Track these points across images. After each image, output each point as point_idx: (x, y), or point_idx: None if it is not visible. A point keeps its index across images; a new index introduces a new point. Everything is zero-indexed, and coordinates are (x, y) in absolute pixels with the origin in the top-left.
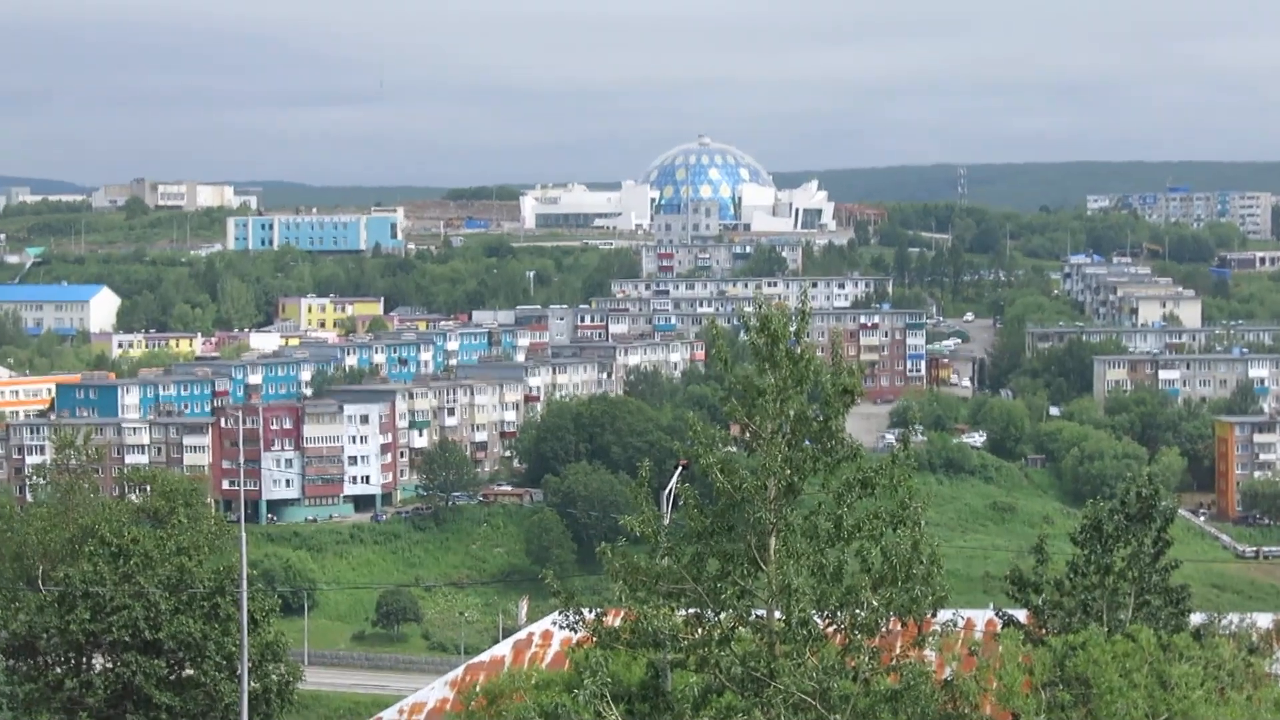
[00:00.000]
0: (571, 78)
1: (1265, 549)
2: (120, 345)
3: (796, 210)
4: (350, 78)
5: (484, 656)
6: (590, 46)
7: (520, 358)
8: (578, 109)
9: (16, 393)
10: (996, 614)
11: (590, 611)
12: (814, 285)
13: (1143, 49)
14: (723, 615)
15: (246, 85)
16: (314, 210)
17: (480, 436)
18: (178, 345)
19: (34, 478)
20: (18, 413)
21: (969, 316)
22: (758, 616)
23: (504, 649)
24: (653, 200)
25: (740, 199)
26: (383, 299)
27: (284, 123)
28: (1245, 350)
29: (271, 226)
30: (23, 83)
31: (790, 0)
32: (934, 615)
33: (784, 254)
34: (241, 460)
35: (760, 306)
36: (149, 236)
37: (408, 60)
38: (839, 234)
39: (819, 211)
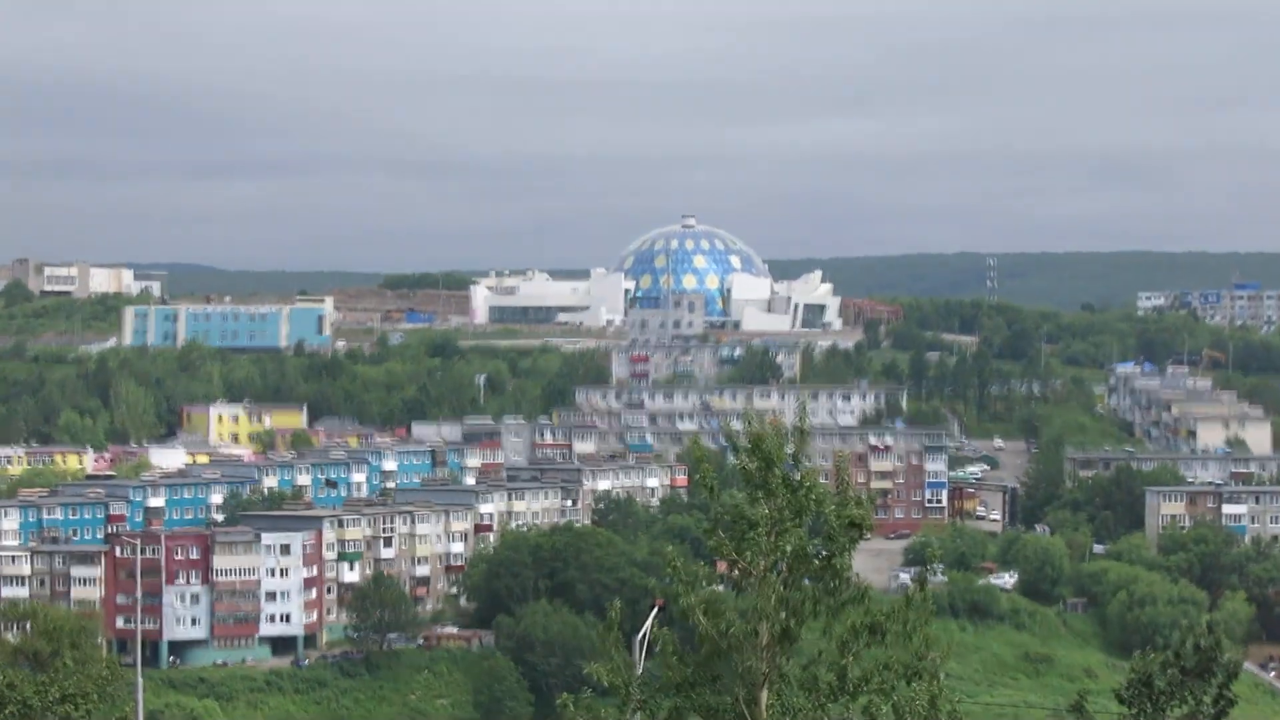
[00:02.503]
0: (531, 149)
1: None
2: None
3: (795, 306)
4: (268, 145)
5: None
6: (553, 112)
7: (470, 481)
8: (538, 185)
9: None
10: None
11: None
12: (815, 397)
13: (1203, 121)
14: None
15: (147, 153)
16: (226, 299)
17: (422, 571)
18: (65, 461)
19: None
20: None
21: (998, 443)
22: None
23: None
24: (627, 292)
25: (730, 291)
26: (306, 407)
27: (191, 196)
28: None
29: (176, 318)
30: None
31: (789, 61)
32: None
33: (780, 359)
34: (139, 595)
35: (752, 423)
36: (32, 328)
37: (336, 125)
38: (845, 335)
39: (822, 308)
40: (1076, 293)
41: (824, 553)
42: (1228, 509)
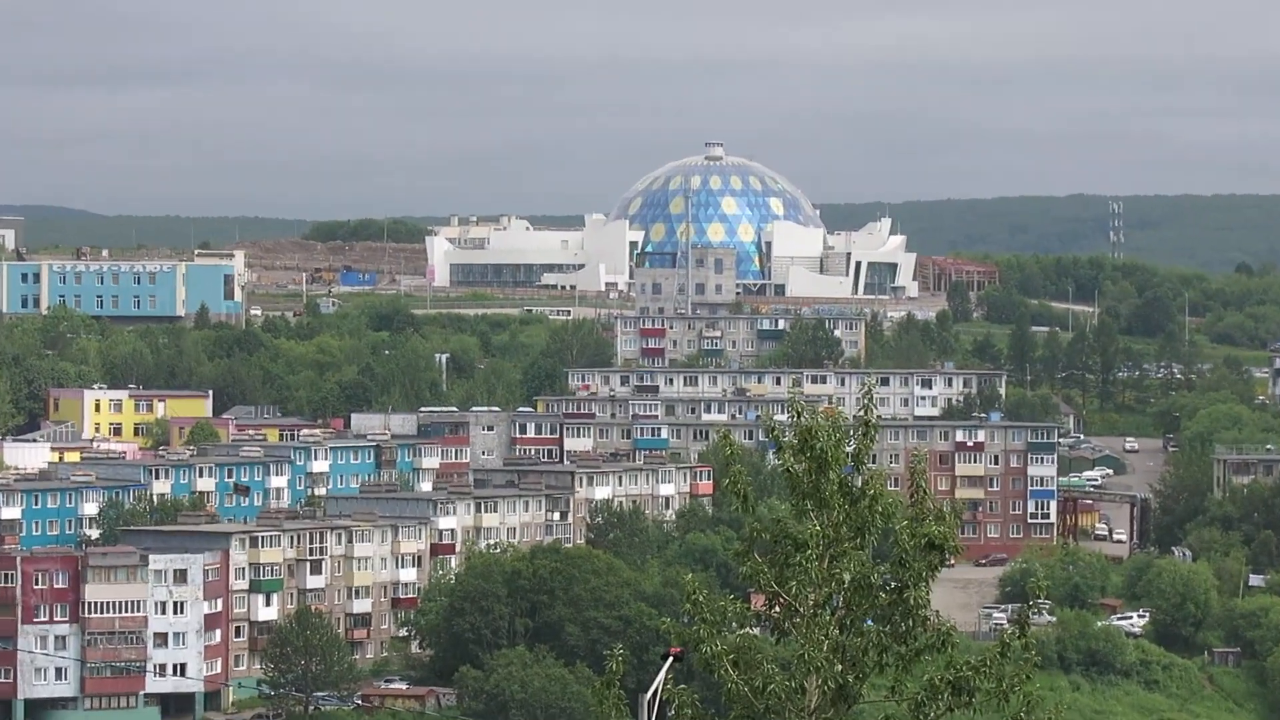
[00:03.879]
0: (506, 52)
1: None
2: None
3: (857, 265)
4: (159, 45)
5: None
6: (535, 10)
7: (426, 487)
8: (514, 100)
9: None
10: None
11: None
12: (884, 383)
13: None
14: None
15: None
16: (103, 253)
17: (360, 606)
18: None
19: None
20: None
21: (1130, 441)
22: None
23: None
24: (633, 245)
25: (769, 246)
26: (211, 393)
27: (55, 112)
28: None
29: (38, 277)
30: None
31: None
32: None
33: (838, 333)
34: None
35: (801, 414)
36: None
37: (249, 20)
38: (923, 304)
39: (892, 268)
40: (1227, 248)
41: (893, 584)
42: None
